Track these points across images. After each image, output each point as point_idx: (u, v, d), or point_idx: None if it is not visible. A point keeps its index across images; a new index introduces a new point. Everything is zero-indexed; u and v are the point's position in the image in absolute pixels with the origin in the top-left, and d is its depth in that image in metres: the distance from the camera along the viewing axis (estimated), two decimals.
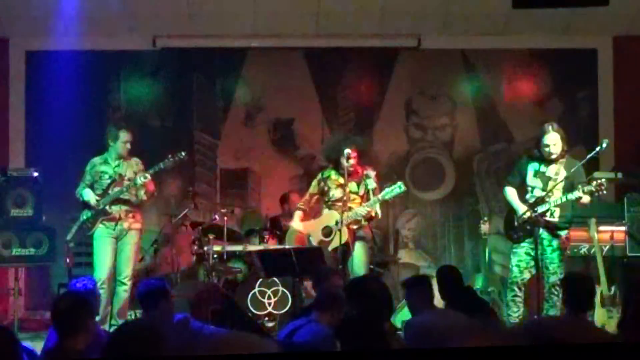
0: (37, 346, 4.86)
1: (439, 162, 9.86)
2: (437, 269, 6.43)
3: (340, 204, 7.49)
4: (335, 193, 7.58)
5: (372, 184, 7.51)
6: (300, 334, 4.82)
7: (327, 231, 7.51)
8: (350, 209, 7.47)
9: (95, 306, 5.70)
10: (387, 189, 7.48)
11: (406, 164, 9.81)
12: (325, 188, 7.67)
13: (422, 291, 5.57)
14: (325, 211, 7.68)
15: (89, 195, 7.68)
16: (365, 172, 7.58)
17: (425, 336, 4.73)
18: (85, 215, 7.73)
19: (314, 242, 7.57)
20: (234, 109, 9.80)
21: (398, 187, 7.45)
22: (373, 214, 7.57)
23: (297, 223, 7.80)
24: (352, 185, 7.56)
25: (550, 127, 7.19)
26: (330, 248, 7.47)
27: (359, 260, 7.49)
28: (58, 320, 4.46)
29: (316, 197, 7.78)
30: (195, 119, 9.78)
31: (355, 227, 7.48)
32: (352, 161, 7.50)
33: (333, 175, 7.65)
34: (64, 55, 9.56)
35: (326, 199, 7.67)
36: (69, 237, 7.98)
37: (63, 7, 9.03)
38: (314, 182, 7.84)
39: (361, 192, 7.56)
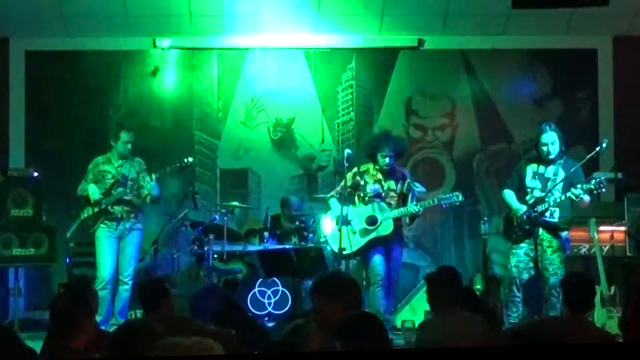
0: (37, 346, 4.85)
1: (439, 162, 9.86)
2: (436, 269, 6.40)
3: (378, 199, 7.50)
4: (373, 188, 7.58)
5: (420, 187, 7.61)
6: (300, 334, 4.82)
7: (372, 220, 7.50)
8: (389, 205, 7.51)
9: (93, 305, 5.70)
10: (444, 196, 7.61)
11: (406, 164, 9.80)
12: (362, 182, 7.62)
13: (447, 288, 5.29)
14: (361, 205, 7.61)
15: (94, 191, 7.67)
16: (408, 177, 7.66)
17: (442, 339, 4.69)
18: (87, 213, 7.74)
19: (356, 228, 7.54)
20: (234, 109, 9.80)
21: (456, 197, 7.56)
22: (419, 214, 7.65)
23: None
24: (391, 183, 7.62)
25: (547, 127, 7.20)
26: (370, 237, 7.44)
27: (399, 261, 7.54)
28: (56, 319, 4.47)
29: (349, 190, 7.71)
30: (195, 119, 9.79)
31: (397, 223, 7.52)
32: (387, 160, 7.54)
33: (371, 169, 7.64)
34: (64, 55, 9.57)
35: (361, 194, 7.63)
36: (68, 234, 7.98)
37: (63, 7, 9.03)
38: (349, 175, 7.70)
39: (398, 190, 7.58)
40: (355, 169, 7.73)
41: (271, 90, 9.79)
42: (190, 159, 7.89)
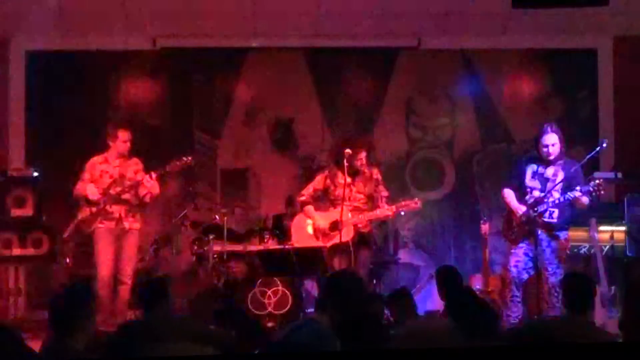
0: (37, 346, 4.85)
1: (439, 162, 9.87)
2: (436, 269, 6.44)
3: (347, 202, 7.51)
4: (341, 192, 7.58)
5: (384, 191, 7.56)
6: (300, 334, 4.81)
7: (335, 225, 7.51)
8: (357, 208, 7.51)
9: (92, 305, 5.70)
10: (403, 202, 7.53)
11: (406, 164, 9.82)
12: (332, 186, 7.65)
13: (402, 304, 5.65)
14: (331, 208, 7.66)
15: (92, 191, 7.66)
16: (375, 177, 7.61)
17: (410, 344, 4.75)
18: (84, 213, 7.73)
19: (319, 234, 7.57)
20: (234, 109, 9.81)
21: (414, 203, 7.52)
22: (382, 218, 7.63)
23: (318, 218, 7.69)
24: (359, 186, 7.58)
25: (549, 128, 7.18)
26: (330, 243, 7.46)
27: (361, 261, 7.52)
28: (55, 319, 4.47)
29: (319, 192, 7.77)
30: (195, 119, 9.79)
31: (360, 225, 7.52)
32: (360, 161, 7.53)
33: (340, 174, 7.64)
34: (64, 55, 9.57)
35: (332, 198, 7.66)
36: (66, 234, 7.98)
37: (63, 7, 9.03)
38: (320, 178, 7.77)
39: (368, 192, 7.59)
40: (326, 172, 7.79)
41: (271, 90, 9.80)
42: (190, 158, 7.87)
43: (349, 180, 7.52)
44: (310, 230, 7.68)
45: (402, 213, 7.76)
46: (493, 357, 3.35)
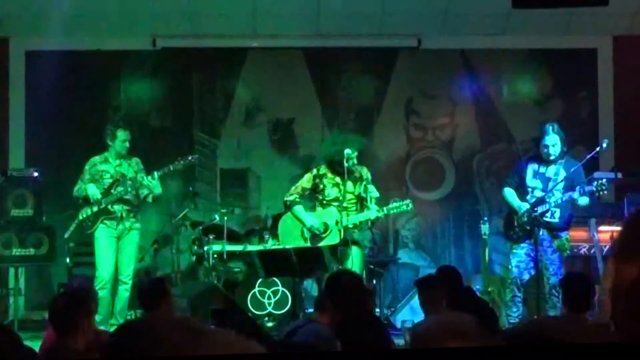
0: (37, 346, 4.86)
1: (439, 162, 9.86)
2: (437, 269, 6.44)
3: (336, 203, 7.47)
4: (331, 192, 7.54)
5: (375, 191, 7.50)
6: (300, 334, 4.82)
7: (324, 227, 7.50)
8: (346, 209, 7.45)
9: (92, 305, 5.70)
10: (394, 204, 7.50)
11: (406, 164, 9.81)
12: (321, 186, 7.60)
13: (432, 294, 5.62)
14: (320, 208, 7.62)
15: (94, 190, 7.66)
16: (365, 177, 7.55)
17: (431, 340, 4.72)
18: (85, 213, 7.73)
19: (307, 235, 7.54)
20: (234, 109, 9.81)
21: (405, 205, 7.46)
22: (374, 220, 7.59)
23: (309, 217, 7.64)
24: (349, 186, 7.53)
25: (551, 129, 7.18)
26: (321, 244, 7.43)
27: (354, 263, 7.49)
28: (54, 319, 4.47)
29: (308, 192, 7.71)
30: (195, 119, 9.79)
31: (351, 226, 7.47)
32: (352, 162, 7.49)
33: (329, 174, 7.60)
34: (64, 55, 9.56)
35: (320, 198, 7.61)
36: (67, 235, 7.98)
37: (63, 7, 9.03)
38: (309, 176, 7.68)
39: (357, 192, 7.54)
40: (314, 171, 7.72)
41: (271, 90, 9.79)
42: (196, 156, 7.88)
43: (339, 180, 7.48)
44: (298, 231, 7.63)
45: (394, 214, 7.73)
46: (493, 357, 3.35)
